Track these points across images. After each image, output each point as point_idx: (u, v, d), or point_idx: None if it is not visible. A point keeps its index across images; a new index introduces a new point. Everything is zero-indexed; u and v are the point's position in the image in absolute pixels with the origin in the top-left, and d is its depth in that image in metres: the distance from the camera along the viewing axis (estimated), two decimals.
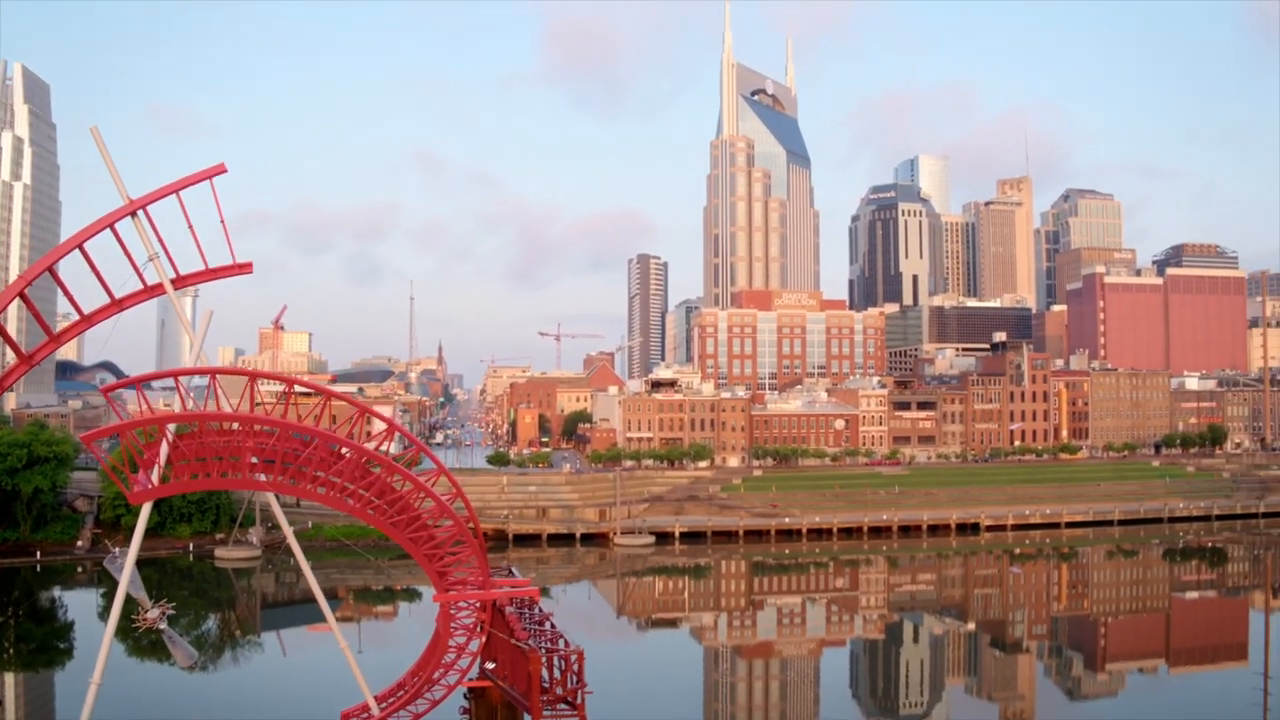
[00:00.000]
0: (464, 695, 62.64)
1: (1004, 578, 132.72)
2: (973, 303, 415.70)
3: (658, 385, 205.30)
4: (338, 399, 53.22)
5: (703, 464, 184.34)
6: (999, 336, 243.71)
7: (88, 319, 47.13)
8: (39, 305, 46.18)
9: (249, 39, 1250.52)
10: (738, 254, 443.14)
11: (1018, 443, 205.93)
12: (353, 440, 49.21)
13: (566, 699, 53.54)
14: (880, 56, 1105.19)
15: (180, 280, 49.12)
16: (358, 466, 48.30)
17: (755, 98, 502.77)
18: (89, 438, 44.48)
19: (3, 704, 73.30)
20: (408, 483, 50.33)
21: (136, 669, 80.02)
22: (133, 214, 46.30)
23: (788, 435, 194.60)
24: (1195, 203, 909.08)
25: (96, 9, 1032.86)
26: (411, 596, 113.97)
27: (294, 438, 46.77)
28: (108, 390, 47.59)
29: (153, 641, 70.65)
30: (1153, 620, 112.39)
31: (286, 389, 49.93)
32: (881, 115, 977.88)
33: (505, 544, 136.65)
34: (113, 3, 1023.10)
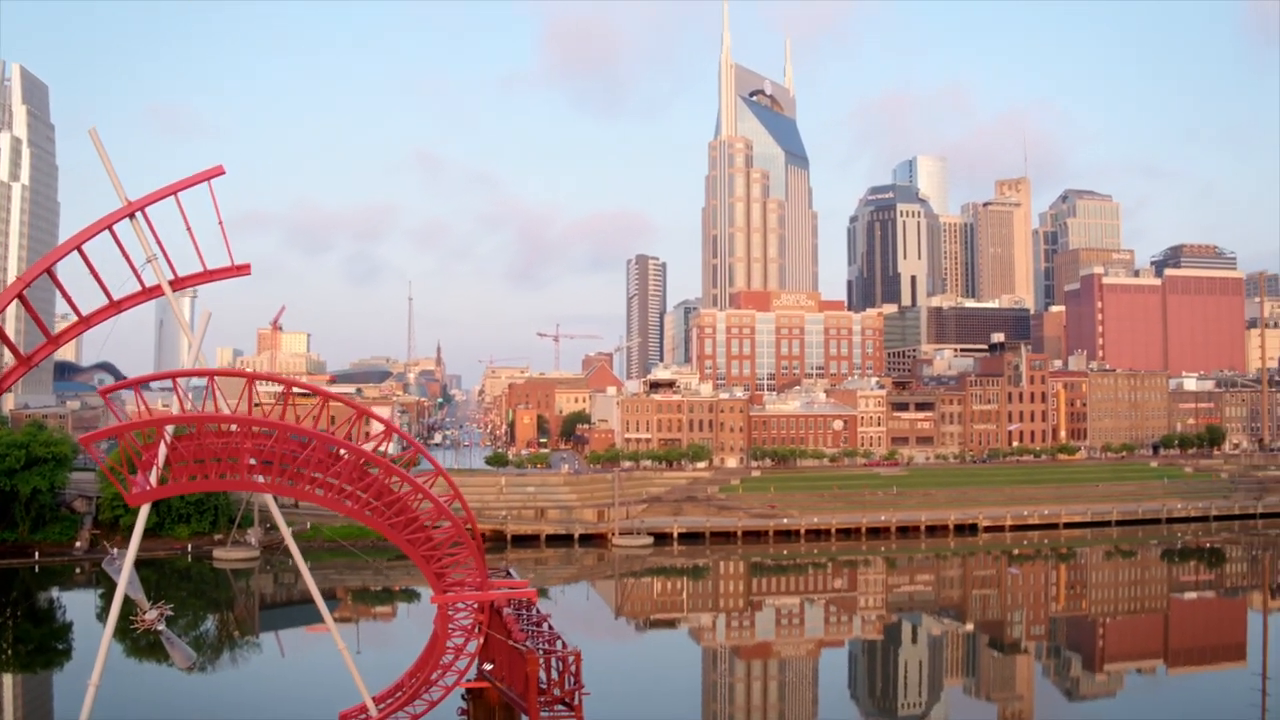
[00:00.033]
0: (462, 696, 62.71)
1: (1002, 578, 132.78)
2: (971, 303, 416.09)
3: (656, 386, 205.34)
4: (335, 400, 53.25)
5: (701, 465, 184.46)
6: (997, 337, 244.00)
7: (86, 320, 47.17)
8: (37, 306, 46.17)
9: (249, 39, 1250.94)
10: (736, 255, 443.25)
11: (1016, 443, 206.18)
12: (351, 442, 49.24)
13: (564, 700, 53.64)
14: (878, 57, 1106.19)
15: (178, 282, 49.20)
16: (355, 468, 48.33)
17: (754, 98, 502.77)
18: (87, 439, 44.49)
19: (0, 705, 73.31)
20: (406, 484, 50.40)
21: (135, 670, 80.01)
22: (131, 216, 46.40)
23: (786, 436, 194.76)
24: (1194, 203, 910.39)
25: (96, 9, 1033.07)
26: (410, 597, 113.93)
27: (292, 439, 46.82)
28: (106, 392, 47.60)
29: (151, 643, 70.74)
30: (1151, 621, 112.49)
31: (285, 390, 50.00)
32: (880, 116, 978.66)
33: (504, 545, 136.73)
34: (112, 3, 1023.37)
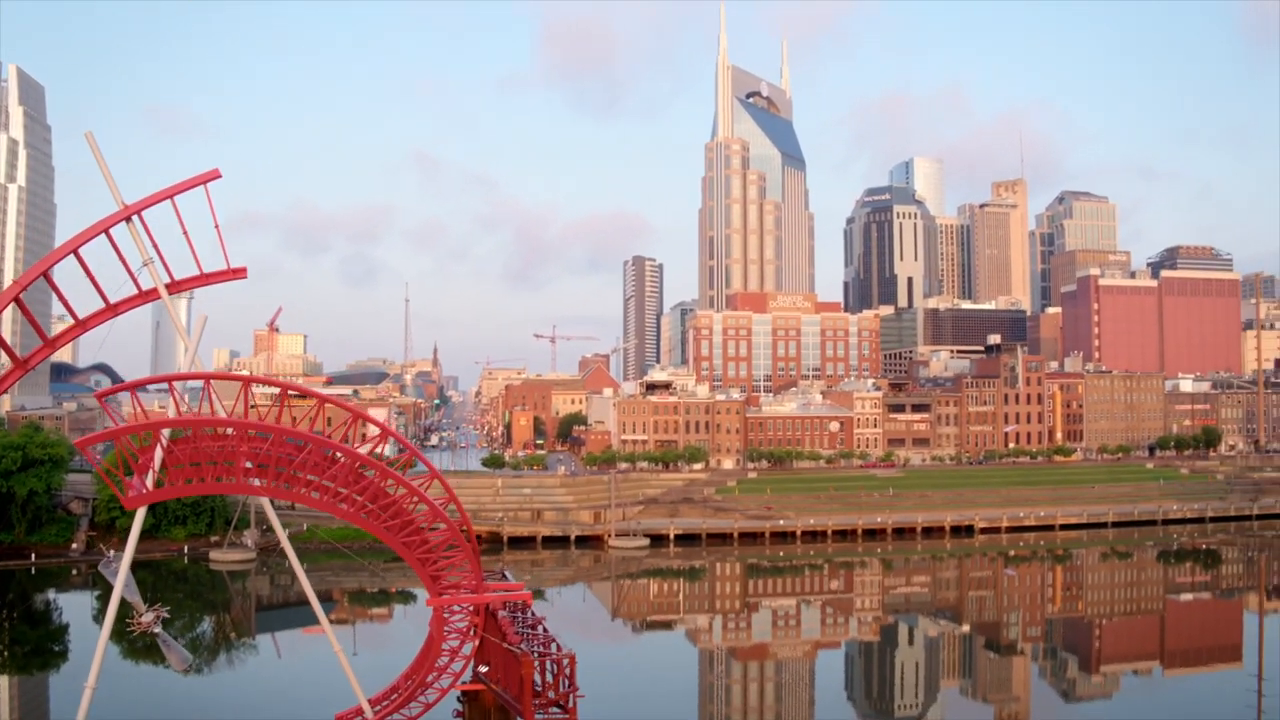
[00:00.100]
0: (457, 699, 62.84)
1: (998, 580, 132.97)
2: (967, 305, 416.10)
3: (653, 387, 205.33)
4: (331, 403, 53.30)
5: (697, 466, 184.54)
6: (993, 339, 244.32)
7: (83, 324, 47.21)
8: (33, 308, 46.22)
9: (247, 40, 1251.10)
10: (733, 256, 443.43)
11: (1012, 445, 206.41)
12: (346, 445, 49.32)
13: (558, 702, 53.78)
14: (875, 58, 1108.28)
15: (175, 285, 49.30)
16: (351, 471, 48.43)
17: (750, 100, 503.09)
18: (83, 443, 44.53)
19: None
20: (401, 487, 50.50)
21: (131, 672, 79.97)
22: (127, 219, 46.47)
23: (782, 437, 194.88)
24: (1192, 205, 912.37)
25: (93, 9, 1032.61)
26: (406, 599, 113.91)
27: (288, 442, 46.89)
28: (102, 395, 47.62)
29: (147, 645, 70.64)
30: (1147, 622, 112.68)
31: (280, 394, 50.06)
32: (876, 117, 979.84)
33: (500, 546, 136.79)
34: (109, 3, 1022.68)
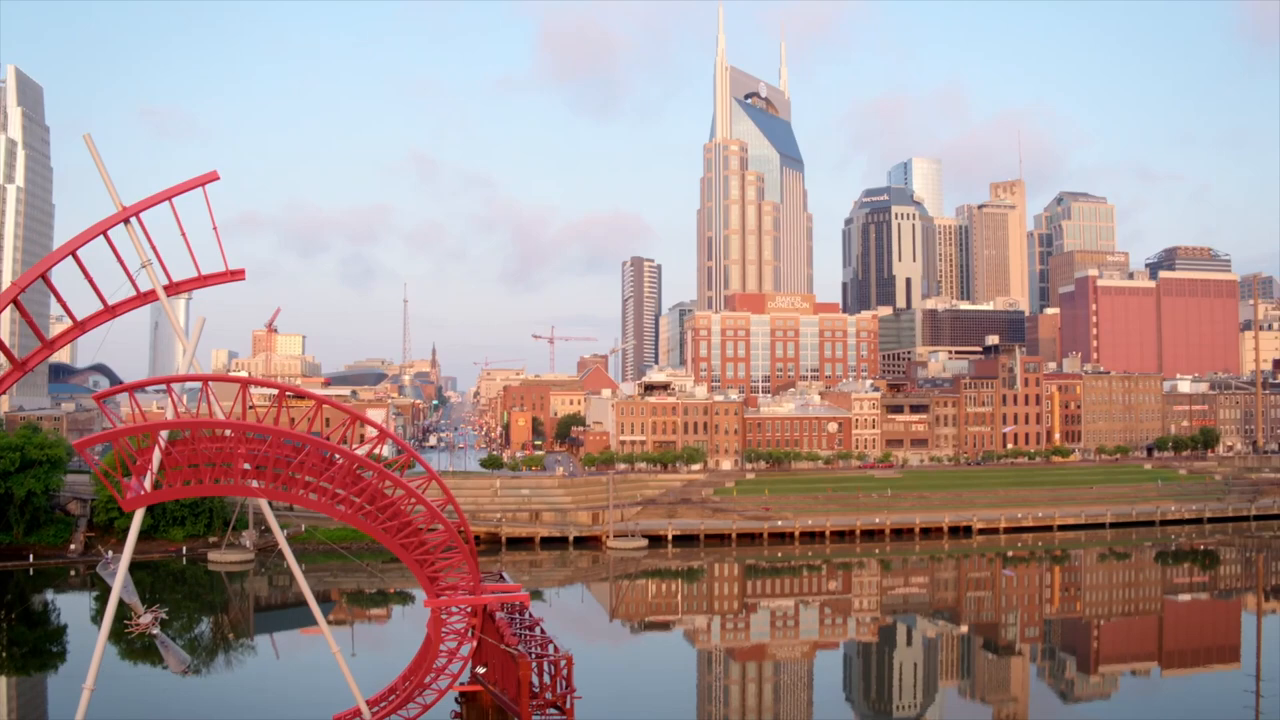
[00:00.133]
0: (455, 700, 62.89)
1: (997, 580, 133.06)
2: (965, 306, 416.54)
3: (651, 388, 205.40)
4: (329, 405, 53.34)
5: (696, 467, 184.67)
6: (992, 339, 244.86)
7: (81, 325, 47.24)
8: (32, 309, 46.27)
9: (244, 41, 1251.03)
10: (731, 257, 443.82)
11: (1010, 446, 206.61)
12: (344, 446, 49.36)
13: (556, 704, 53.86)
14: (873, 59, 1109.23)
15: (173, 287, 49.36)
16: (349, 473, 48.46)
17: (748, 101, 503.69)
18: (82, 444, 44.51)
19: None
20: (399, 488, 50.52)
21: (129, 673, 79.95)
22: (126, 221, 46.52)
23: (780, 438, 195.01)
24: (1190, 206, 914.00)
25: (91, 10, 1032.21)
26: (404, 600, 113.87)
27: (286, 444, 46.93)
28: (100, 397, 47.62)
29: (146, 646, 70.70)
30: (1145, 623, 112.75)
31: (279, 395, 50.10)
32: (875, 118, 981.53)
33: (498, 547, 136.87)
34: (109, 4, 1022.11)
